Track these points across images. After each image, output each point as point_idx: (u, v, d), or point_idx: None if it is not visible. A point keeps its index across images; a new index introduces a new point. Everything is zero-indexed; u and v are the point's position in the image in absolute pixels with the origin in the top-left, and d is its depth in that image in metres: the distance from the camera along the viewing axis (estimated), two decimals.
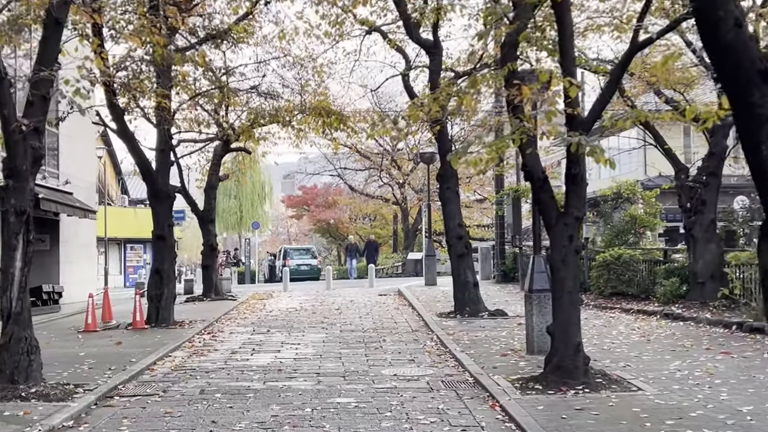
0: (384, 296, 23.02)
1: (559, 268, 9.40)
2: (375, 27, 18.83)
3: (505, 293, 22.26)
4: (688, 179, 16.84)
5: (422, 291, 23.26)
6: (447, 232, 17.38)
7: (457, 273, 16.94)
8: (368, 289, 25.95)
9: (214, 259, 23.64)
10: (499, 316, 16.40)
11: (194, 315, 18.05)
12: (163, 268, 16.46)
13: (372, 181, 41.19)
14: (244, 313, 19.17)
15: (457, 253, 16.91)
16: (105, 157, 36.79)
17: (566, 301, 9.42)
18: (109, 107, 14.94)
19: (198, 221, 23.65)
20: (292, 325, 16.52)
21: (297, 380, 10.38)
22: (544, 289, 11.82)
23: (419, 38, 17.16)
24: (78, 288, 20.87)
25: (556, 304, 9.52)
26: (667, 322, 15.19)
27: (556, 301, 9.54)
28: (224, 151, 23.21)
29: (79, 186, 21.73)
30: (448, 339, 13.46)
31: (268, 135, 24.35)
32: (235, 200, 47.30)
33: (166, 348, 13.13)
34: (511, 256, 25.48)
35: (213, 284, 22.87)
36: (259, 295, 24.73)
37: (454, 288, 17.19)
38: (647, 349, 12.03)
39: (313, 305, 20.86)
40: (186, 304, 21.53)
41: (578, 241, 9.46)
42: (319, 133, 18.88)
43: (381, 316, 17.75)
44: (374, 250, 37.16)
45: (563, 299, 9.43)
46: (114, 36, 13.84)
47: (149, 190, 16.44)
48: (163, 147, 16.49)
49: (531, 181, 9.79)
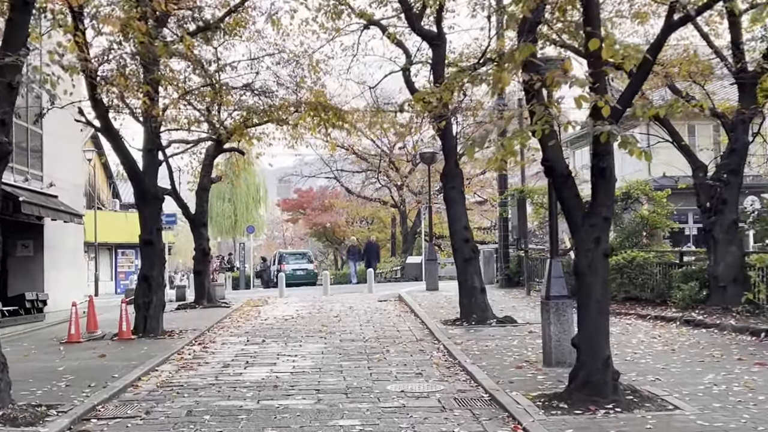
0: (384, 302, 22.07)
1: (586, 274, 8.46)
2: (373, 20, 17.92)
3: (510, 298, 21.33)
4: (706, 177, 15.92)
5: (424, 296, 22.30)
6: (452, 234, 16.44)
7: (463, 278, 15.99)
8: (367, 295, 24.99)
9: (207, 264, 22.68)
10: (508, 324, 15.45)
11: (185, 324, 17.08)
12: (152, 274, 15.49)
13: (369, 183, 40.21)
14: (238, 322, 18.20)
15: (463, 257, 15.97)
16: (95, 160, 35.77)
17: (594, 309, 8.47)
18: (92, 103, 13.98)
19: (189, 225, 22.67)
20: (288, 334, 15.55)
21: (294, 398, 9.41)
22: (563, 296, 10.91)
23: (421, 29, 16.23)
24: (64, 295, 19.87)
25: (583, 313, 8.57)
26: (688, 329, 14.26)
27: (582, 309, 8.59)
28: (216, 151, 22.25)
29: (64, 189, 20.75)
30: (456, 349, 12.51)
31: (262, 135, 23.44)
32: (230, 203, 46.36)
33: (152, 361, 12.16)
34: (516, 260, 24.54)
35: (206, 290, 21.89)
36: (253, 301, 23.75)
37: (459, 294, 16.24)
38: (674, 360, 11.09)
39: (310, 312, 19.89)
40: (177, 312, 20.55)
41: (607, 244, 8.52)
42: (315, 132, 17.91)
43: (382, 324, 16.80)
44: (375, 253, 35.27)
45: (590, 308, 8.48)
46: (95, 27, 12.87)
47: (136, 192, 15.47)
48: (151, 146, 15.52)
49: (552, 177, 8.86)
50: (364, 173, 40.01)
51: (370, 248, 34.92)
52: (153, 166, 15.62)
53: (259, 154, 26.41)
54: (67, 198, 20.88)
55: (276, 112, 16.62)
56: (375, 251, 35.19)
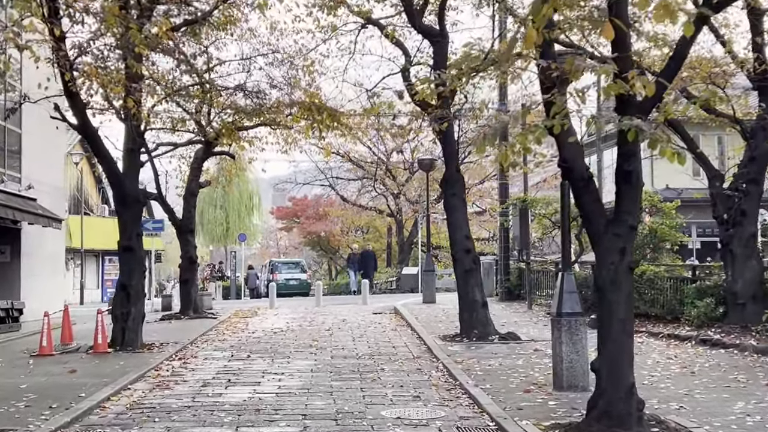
0: (379, 315, 21.05)
1: (608, 290, 7.48)
2: (372, 19, 17.01)
3: (511, 312, 20.32)
4: (723, 187, 14.97)
5: (421, 309, 21.29)
6: (452, 244, 15.46)
7: (464, 291, 15.00)
8: (361, 307, 23.96)
9: (194, 272, 21.66)
10: (511, 341, 14.46)
11: (167, 336, 16.05)
12: (131, 283, 14.47)
13: (365, 191, 39.21)
14: (224, 334, 17.17)
15: (464, 269, 14.99)
16: (84, 164, 34.74)
17: (617, 330, 7.49)
18: (68, 98, 12.98)
19: (176, 231, 21.66)
20: (276, 349, 14.52)
21: (278, 425, 8.41)
22: (576, 313, 9.93)
23: (422, 26, 15.28)
24: (42, 304, 18.74)
25: (604, 333, 7.59)
26: (705, 349, 13.29)
27: (603, 329, 7.61)
28: (206, 154, 21.26)
29: (44, 191, 19.74)
30: (456, 368, 11.52)
31: (254, 140, 22.50)
32: (222, 211, 45.31)
33: (126, 378, 11.14)
34: (516, 272, 23.55)
35: (192, 300, 20.86)
36: (242, 312, 22.71)
37: (460, 307, 15.25)
38: (696, 385, 10.12)
39: (301, 325, 18.87)
40: (161, 323, 19.51)
41: (632, 256, 7.54)
42: (308, 135, 16.90)
43: (377, 339, 15.78)
44: (371, 262, 33.65)
45: (613, 328, 7.50)
46: (71, 14, 11.89)
47: (116, 195, 14.48)
48: (132, 146, 14.53)
49: (570, 180, 7.89)
50: (360, 181, 39.00)
51: (366, 257, 33.46)
52: (134, 168, 14.62)
53: (251, 159, 25.45)
54: (47, 201, 19.87)
55: (267, 112, 15.60)
56: (372, 260, 33.72)
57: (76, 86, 12.60)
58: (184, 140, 20.04)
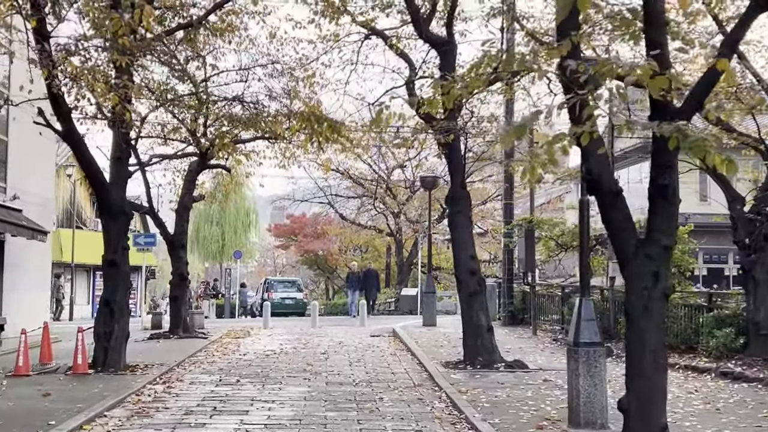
0: (377, 337, 20.17)
1: (639, 318, 6.66)
2: (376, 30, 16.27)
3: (515, 338, 19.44)
4: (744, 210, 14.17)
5: (421, 333, 20.41)
6: (456, 264, 14.61)
7: (468, 315, 14.14)
8: (359, 329, 23.07)
9: (184, 290, 20.76)
10: (518, 369, 13.57)
11: (153, 357, 15.16)
12: (114, 299, 13.61)
13: (365, 210, 38.35)
14: (213, 356, 16.27)
15: (468, 291, 14.13)
16: (77, 176, 33.89)
17: (649, 363, 6.67)
18: (52, 101, 12.19)
19: (167, 246, 20.80)
20: (267, 373, 13.63)
21: None
22: (595, 343, 9.07)
23: (429, 34, 14.52)
24: (25, 320, 17.88)
25: (634, 367, 6.76)
26: (726, 382, 12.43)
27: (633, 363, 6.78)
28: (200, 167, 20.44)
29: (31, 202, 18.86)
30: (461, 399, 10.66)
31: (251, 154, 21.74)
32: (218, 227, 44.49)
33: (103, 404, 10.26)
34: (520, 295, 22.69)
35: (182, 319, 19.95)
36: (235, 332, 21.80)
37: (463, 332, 14.38)
38: (724, 424, 9.27)
39: (295, 347, 17.97)
40: (149, 342, 18.60)
41: (667, 281, 6.72)
42: (307, 147, 16.06)
43: (375, 364, 14.90)
44: (374, 281, 31.23)
45: (644, 361, 6.68)
46: (56, 12, 11.14)
47: (100, 205, 13.65)
48: (120, 154, 13.71)
49: (598, 195, 7.08)
50: (359, 199, 38.17)
51: (368, 276, 31.09)
52: (121, 178, 13.79)
53: (248, 174, 24.60)
54: (34, 213, 19.00)
55: (263, 122, 14.79)
56: (374, 280, 31.53)
57: (60, 89, 11.81)
58: (176, 150, 19.24)
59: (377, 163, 35.19)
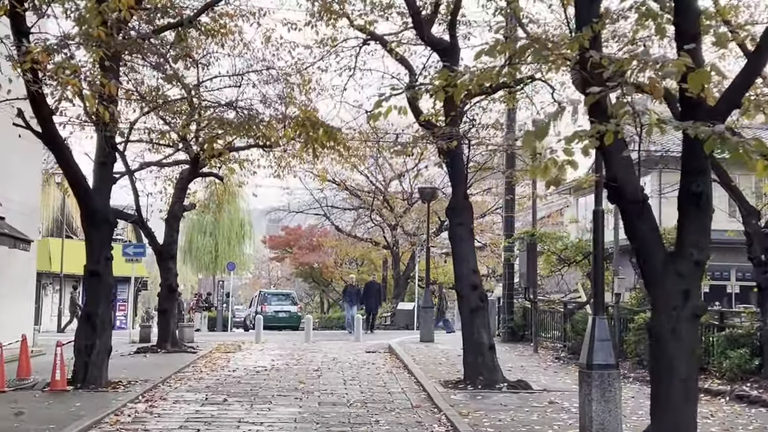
0: (373, 354, 19.45)
1: (668, 340, 5.98)
2: (374, 34, 15.65)
3: (515, 356, 18.73)
4: (759, 225, 13.52)
5: (418, 349, 19.69)
6: (457, 279, 13.93)
7: (469, 331, 13.44)
8: (354, 344, 22.34)
9: (173, 302, 20.04)
10: (521, 390, 12.86)
11: (137, 372, 14.42)
12: (96, 312, 12.89)
13: (361, 222, 37.64)
14: (201, 372, 15.53)
15: (470, 307, 13.44)
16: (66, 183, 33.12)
17: (678, 393, 5.98)
18: (31, 102, 11.50)
19: (156, 257, 20.09)
20: (257, 392, 12.89)
21: None
22: (608, 365, 8.39)
23: (431, 38, 13.91)
24: (7, 332, 17.18)
25: (661, 396, 6.06)
26: (742, 407, 11.75)
27: (660, 391, 6.09)
28: (192, 175, 19.75)
29: (14, 210, 18.16)
30: (462, 423, 9.95)
31: (245, 162, 21.07)
32: (211, 238, 43.70)
33: (78, 425, 9.54)
34: (520, 311, 22.00)
35: (170, 332, 19.22)
36: (225, 346, 21.05)
37: (464, 350, 13.68)
38: None
39: (287, 363, 17.23)
40: (134, 357, 17.85)
41: (698, 300, 6.05)
42: (302, 154, 15.35)
43: (371, 383, 14.17)
44: (376, 294, 28.74)
45: (673, 389, 5.99)
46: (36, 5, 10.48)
47: (83, 213, 12.92)
48: (104, 159, 13.02)
49: (621, 203, 6.41)
50: (355, 211, 37.47)
51: (370, 289, 28.61)
52: (105, 183, 13.10)
53: (242, 183, 23.93)
54: (17, 221, 18.27)
55: (256, 126, 14.10)
56: (376, 293, 29.02)
57: (41, 89, 11.12)
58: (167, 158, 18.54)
59: (374, 174, 34.53)
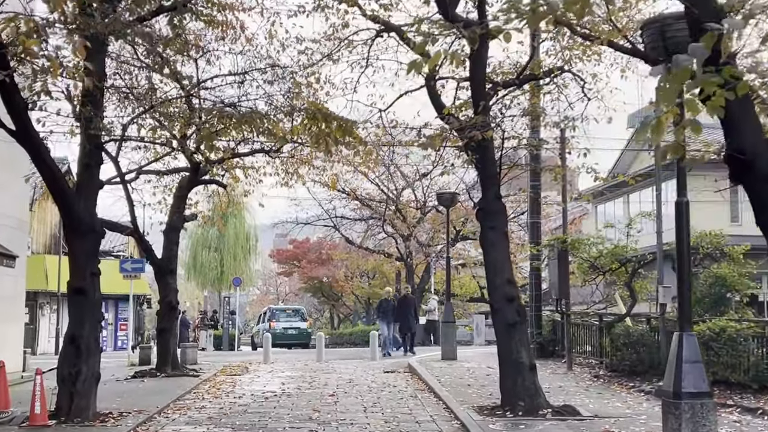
0: (392, 374, 17.84)
1: None
2: (389, 24, 14.14)
3: (549, 374, 17.01)
4: None
5: (441, 368, 18.03)
6: (491, 290, 12.32)
7: (506, 350, 11.80)
8: (370, 363, 20.72)
9: (173, 320, 18.46)
10: (569, 417, 11.18)
11: (132, 401, 12.84)
12: (81, 334, 11.30)
13: (372, 234, 36.00)
14: (203, 399, 13.91)
15: (506, 322, 11.81)
16: None
17: None
18: (2, 94, 9.97)
19: (154, 272, 18.53)
20: (266, 423, 11.26)
21: None
22: (702, 393, 6.77)
23: (457, 18, 12.30)
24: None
25: None
26: None
27: None
28: (192, 183, 18.22)
29: (1, 224, 16.69)
30: None
31: (249, 170, 19.59)
32: (216, 253, 42.14)
33: None
34: (550, 325, 20.35)
35: (170, 354, 17.63)
36: (231, 368, 19.46)
37: (501, 371, 12.03)
38: None
39: (299, 387, 15.59)
40: (131, 382, 16.27)
41: None
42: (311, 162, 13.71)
43: (394, 410, 12.52)
44: (412, 310, 23.94)
45: None
46: None
47: (65, 221, 11.39)
48: (88, 160, 11.47)
49: (748, 181, 4.80)
50: (366, 222, 35.85)
51: (405, 305, 24.00)
52: (90, 187, 11.54)
53: (247, 192, 22.34)
54: (5, 235, 16.78)
55: (259, 119, 12.53)
56: (412, 308, 24.24)
57: (11, 77, 9.60)
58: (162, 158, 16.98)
59: (385, 183, 32.91)
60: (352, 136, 11.86)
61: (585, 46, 13.84)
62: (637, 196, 35.21)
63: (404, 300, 24.50)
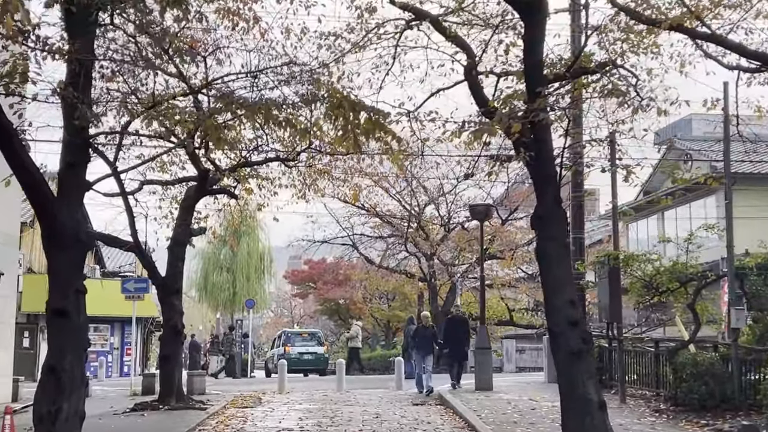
0: (422, 406, 15.92)
1: None
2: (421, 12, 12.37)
3: None
4: None
5: (478, 400, 16.02)
6: (549, 313, 10.36)
7: (569, 383, 9.83)
8: (396, 393, 18.76)
9: (178, 346, 16.61)
10: None
11: None
12: (63, 366, 9.44)
13: (393, 253, 34.05)
14: None
15: (569, 350, 9.83)
16: None
17: None
18: None
19: (158, 292, 16.70)
20: None
21: None
22: None
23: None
24: None
25: None
26: None
27: None
28: (199, 193, 16.43)
29: None
30: None
31: (264, 181, 17.92)
32: (228, 273, 40.36)
33: None
34: (597, 351, 18.28)
35: (174, 383, 15.75)
36: (243, 398, 17.55)
37: (563, 408, 10.04)
38: None
39: (319, 423, 13.63)
40: (129, 417, 14.38)
41: None
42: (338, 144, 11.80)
43: None
44: (462, 333, 19.65)
45: None
46: None
47: (44, 229, 9.53)
48: (72, 159, 9.67)
49: None
50: (385, 240, 33.91)
51: (455, 327, 19.66)
52: (75, 191, 9.72)
53: (260, 206, 20.46)
54: None
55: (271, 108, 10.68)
56: (464, 332, 20.04)
57: None
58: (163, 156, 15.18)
59: (407, 199, 30.99)
60: (384, 131, 9.99)
61: (641, 36, 12.10)
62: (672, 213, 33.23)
63: (454, 321, 20.17)
